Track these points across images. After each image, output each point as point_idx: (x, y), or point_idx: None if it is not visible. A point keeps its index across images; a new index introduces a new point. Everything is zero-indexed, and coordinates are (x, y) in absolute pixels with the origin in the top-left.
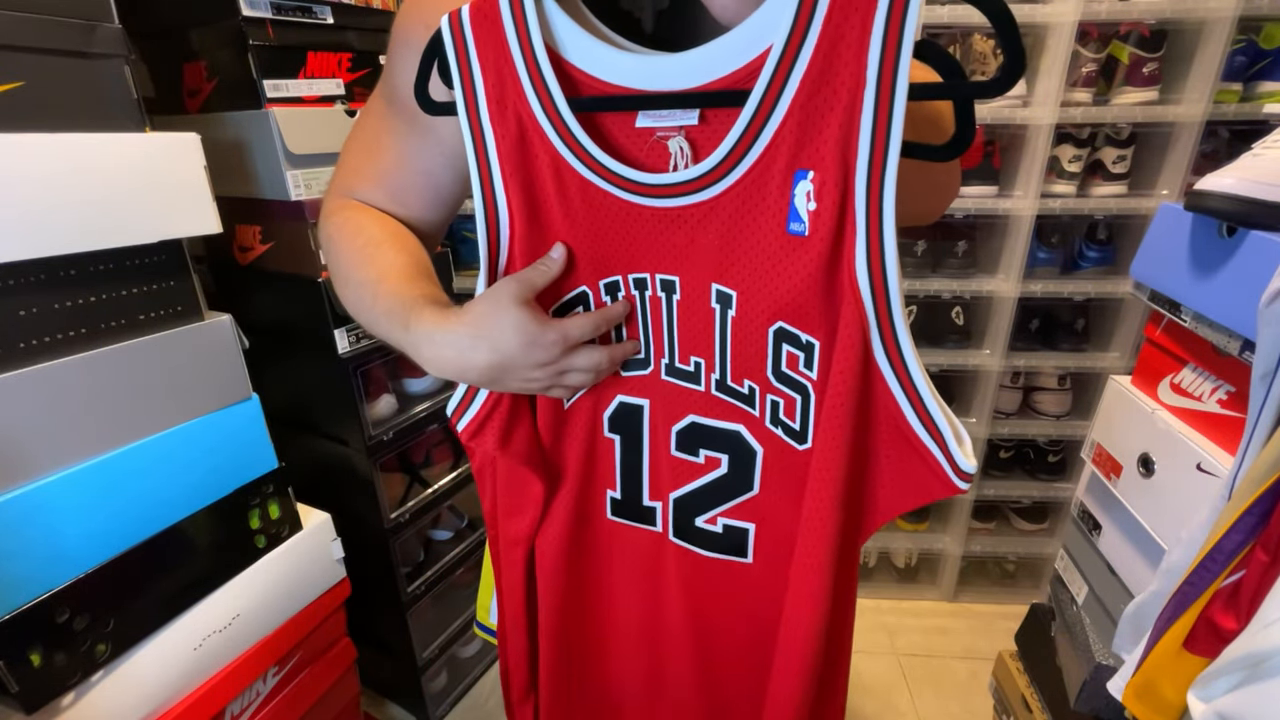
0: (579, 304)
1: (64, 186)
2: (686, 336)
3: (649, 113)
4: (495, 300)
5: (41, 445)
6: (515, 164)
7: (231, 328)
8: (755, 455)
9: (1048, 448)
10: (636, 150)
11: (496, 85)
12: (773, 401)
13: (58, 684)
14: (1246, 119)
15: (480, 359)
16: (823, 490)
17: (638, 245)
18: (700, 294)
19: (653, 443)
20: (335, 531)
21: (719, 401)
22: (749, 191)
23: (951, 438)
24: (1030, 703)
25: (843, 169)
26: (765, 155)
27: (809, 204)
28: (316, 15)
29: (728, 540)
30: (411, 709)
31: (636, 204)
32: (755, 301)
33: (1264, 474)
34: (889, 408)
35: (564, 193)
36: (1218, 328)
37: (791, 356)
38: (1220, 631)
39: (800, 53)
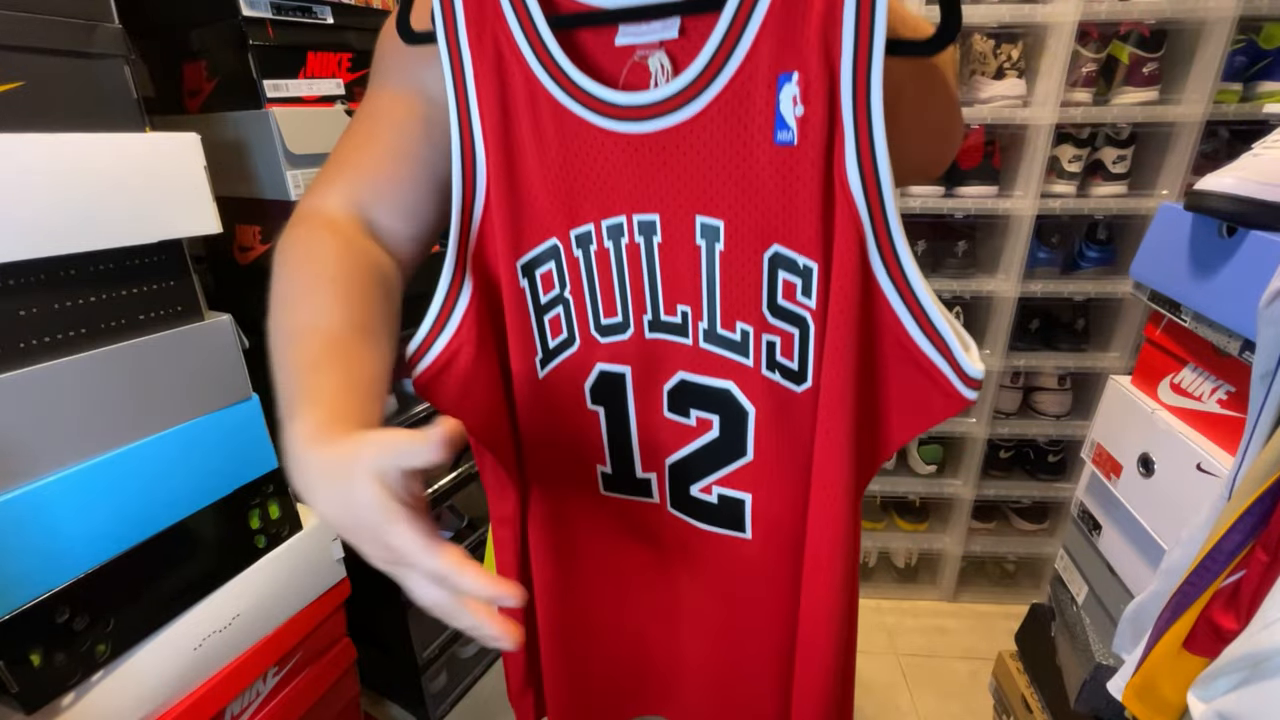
0: (549, 260)
1: (64, 186)
2: (671, 283)
3: (628, 28)
4: (355, 455)
5: (41, 445)
6: (491, 91)
7: (231, 328)
8: (747, 416)
9: (1048, 448)
10: (616, 73)
11: (475, 9)
12: (769, 342)
13: (58, 684)
14: (1246, 119)
15: (323, 506)
16: (833, 431)
17: (613, 182)
18: (684, 230)
19: (641, 410)
20: (335, 532)
21: (707, 355)
22: (732, 103)
23: (957, 345)
24: (1030, 703)
25: (828, 68)
26: (748, 60)
27: (796, 108)
28: (316, 15)
29: (724, 512)
30: (411, 709)
31: (613, 131)
32: (745, 228)
33: (1264, 474)
34: (892, 326)
35: (538, 123)
36: (1218, 328)
37: (788, 285)
38: (1220, 631)
39: None
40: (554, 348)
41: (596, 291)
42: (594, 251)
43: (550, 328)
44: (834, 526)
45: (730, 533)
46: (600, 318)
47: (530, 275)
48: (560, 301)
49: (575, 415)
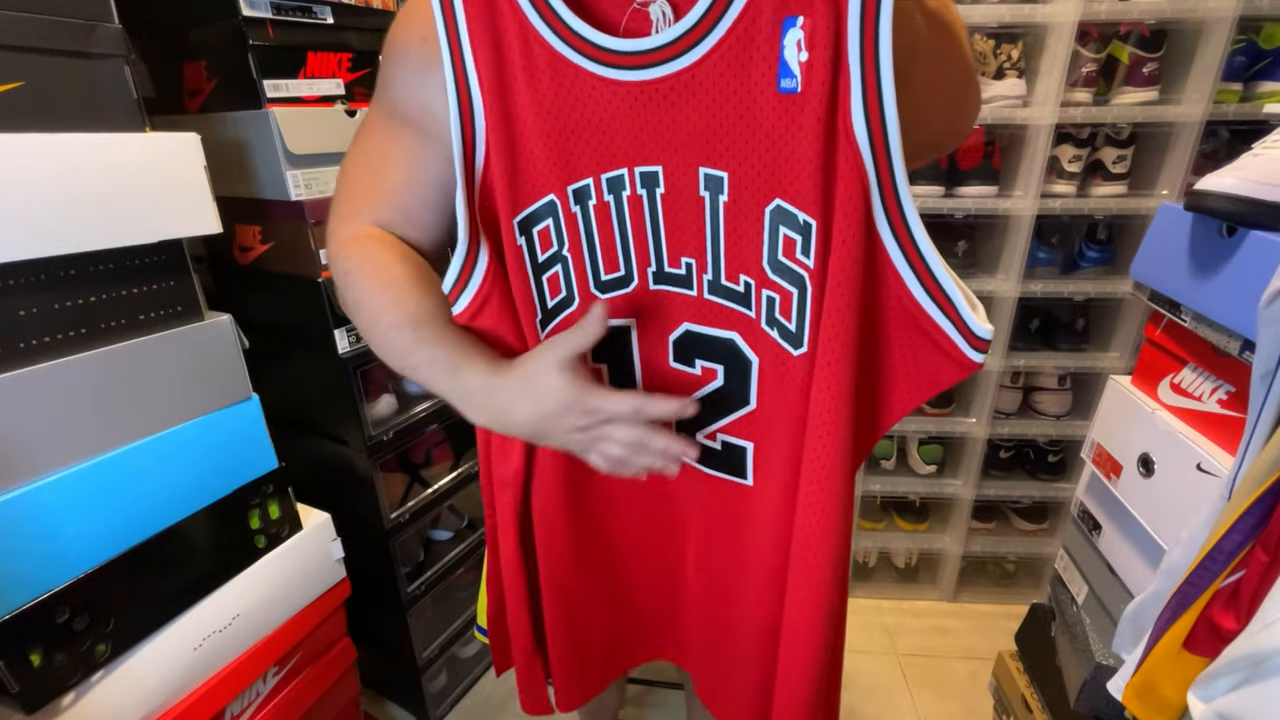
0: (546, 216)
1: (64, 186)
2: (675, 235)
3: None
4: (540, 361)
5: (41, 445)
6: (485, 42)
7: (231, 328)
8: (751, 366)
9: (1048, 448)
10: (616, 21)
11: None
12: (769, 298)
13: (58, 684)
14: (1246, 119)
15: (522, 414)
16: (828, 400)
17: (613, 133)
18: (687, 182)
19: (646, 361)
20: (335, 531)
21: (713, 306)
22: (736, 48)
23: (964, 304)
24: (1030, 703)
25: (834, 11)
26: (751, 3)
27: (800, 54)
28: (316, 15)
29: (728, 458)
30: (411, 709)
31: (613, 79)
32: (749, 180)
33: (1264, 474)
34: (895, 287)
35: (533, 75)
36: (1218, 328)
37: (789, 241)
38: (1220, 631)
39: None
40: (552, 308)
41: (596, 247)
42: (593, 207)
43: (549, 286)
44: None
45: (734, 479)
46: (600, 274)
47: (528, 233)
48: (559, 260)
49: None
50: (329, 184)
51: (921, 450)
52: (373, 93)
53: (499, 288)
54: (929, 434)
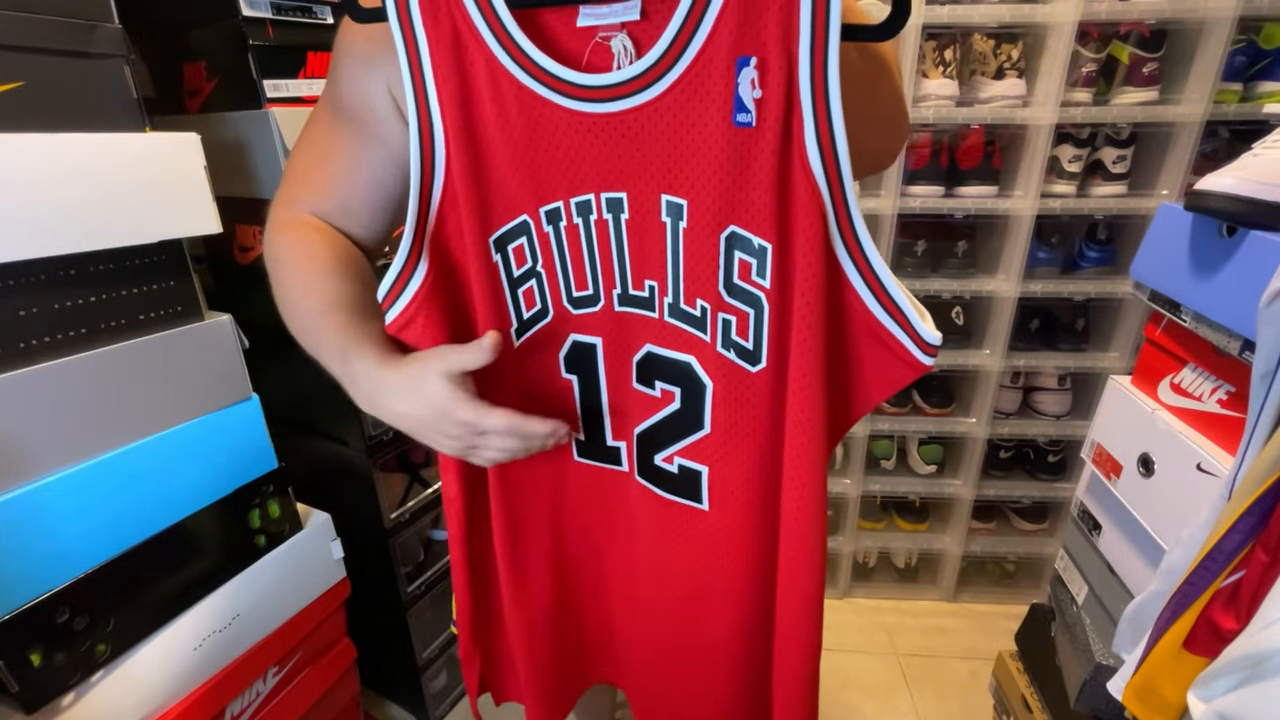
0: (520, 235)
1: (64, 186)
2: (638, 258)
3: (589, 9)
4: (425, 366)
5: (41, 445)
6: (450, 73)
7: (231, 328)
8: (705, 390)
9: (1048, 448)
10: (579, 54)
11: None
12: (724, 320)
13: (58, 684)
14: (1246, 119)
15: (400, 410)
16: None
17: (580, 160)
18: (650, 208)
19: (611, 380)
20: (335, 531)
21: (672, 329)
22: (693, 85)
23: (915, 315)
24: (1030, 703)
25: (786, 53)
26: (708, 44)
27: (754, 91)
28: (316, 15)
29: (683, 482)
30: (411, 709)
31: (579, 111)
32: (706, 207)
33: (1264, 474)
34: (855, 305)
35: (501, 105)
36: (1218, 328)
37: (744, 265)
38: (1220, 631)
39: None
40: (528, 319)
41: (568, 265)
42: (564, 227)
43: (524, 299)
44: (807, 504)
45: (690, 503)
46: (572, 290)
47: (503, 250)
48: (533, 275)
49: (550, 383)
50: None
51: (921, 450)
52: None
53: (431, 304)
54: (929, 434)
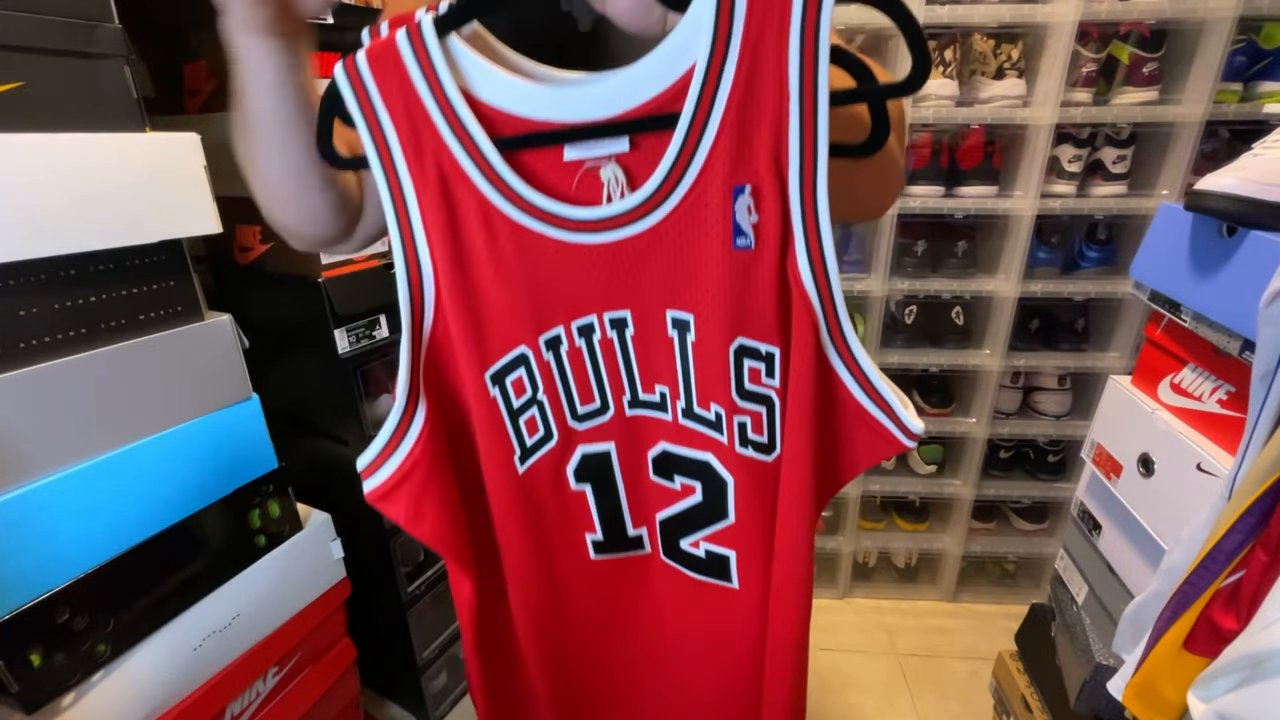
0: (519, 367)
1: (64, 186)
2: (647, 367)
3: (576, 144)
4: None
5: (41, 445)
6: (438, 215)
7: (231, 328)
8: (727, 485)
9: (1048, 448)
10: (567, 185)
11: (410, 132)
12: (740, 423)
13: (58, 684)
14: (1246, 119)
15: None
16: (794, 490)
17: (580, 286)
18: (656, 323)
19: (628, 478)
20: (335, 531)
21: (687, 430)
22: (690, 213)
23: (899, 405)
24: (1030, 703)
25: (778, 178)
26: (702, 175)
27: (751, 216)
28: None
29: (712, 564)
30: (411, 709)
31: (576, 242)
32: (713, 322)
33: (1264, 474)
34: (846, 401)
35: (494, 241)
36: (1218, 328)
37: (753, 371)
38: (1220, 631)
39: (724, 71)
40: (531, 445)
41: (571, 387)
42: (565, 352)
43: (526, 428)
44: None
45: (720, 582)
46: (577, 408)
47: (500, 383)
48: (534, 403)
49: (559, 497)
50: None
51: (921, 450)
52: None
53: (432, 449)
54: (929, 434)
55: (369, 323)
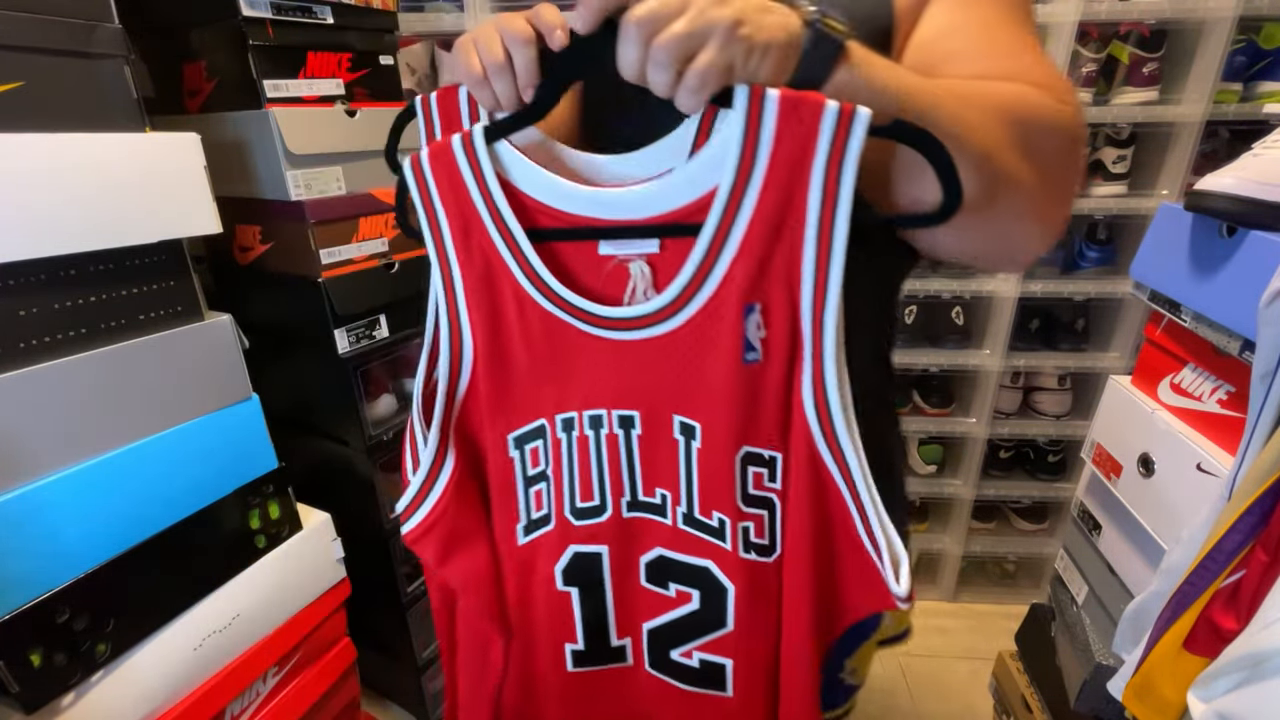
0: (538, 437)
1: (64, 186)
2: (649, 470)
3: (609, 243)
4: None
5: (41, 445)
6: (480, 297)
7: (231, 328)
8: (727, 592)
9: (1048, 448)
10: (597, 276)
11: (460, 222)
12: (744, 528)
13: (58, 684)
14: (1246, 119)
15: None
16: (797, 593)
17: (596, 378)
18: (662, 426)
19: (617, 582)
20: (335, 531)
21: (687, 535)
22: (704, 325)
23: (887, 560)
24: (1030, 703)
25: (789, 299)
26: (719, 291)
27: (759, 332)
28: (316, 15)
29: (705, 674)
30: (411, 709)
31: (596, 336)
32: (720, 430)
33: (1264, 474)
34: (842, 513)
35: (526, 325)
36: (1218, 328)
37: (757, 476)
38: (1220, 631)
39: (745, 196)
40: (535, 520)
41: (575, 475)
42: (576, 437)
43: (535, 500)
44: (800, 670)
45: (713, 692)
46: (575, 501)
47: (521, 449)
48: (544, 478)
49: (545, 596)
50: (329, 184)
51: (921, 450)
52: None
53: (458, 500)
54: (929, 434)
55: (369, 323)
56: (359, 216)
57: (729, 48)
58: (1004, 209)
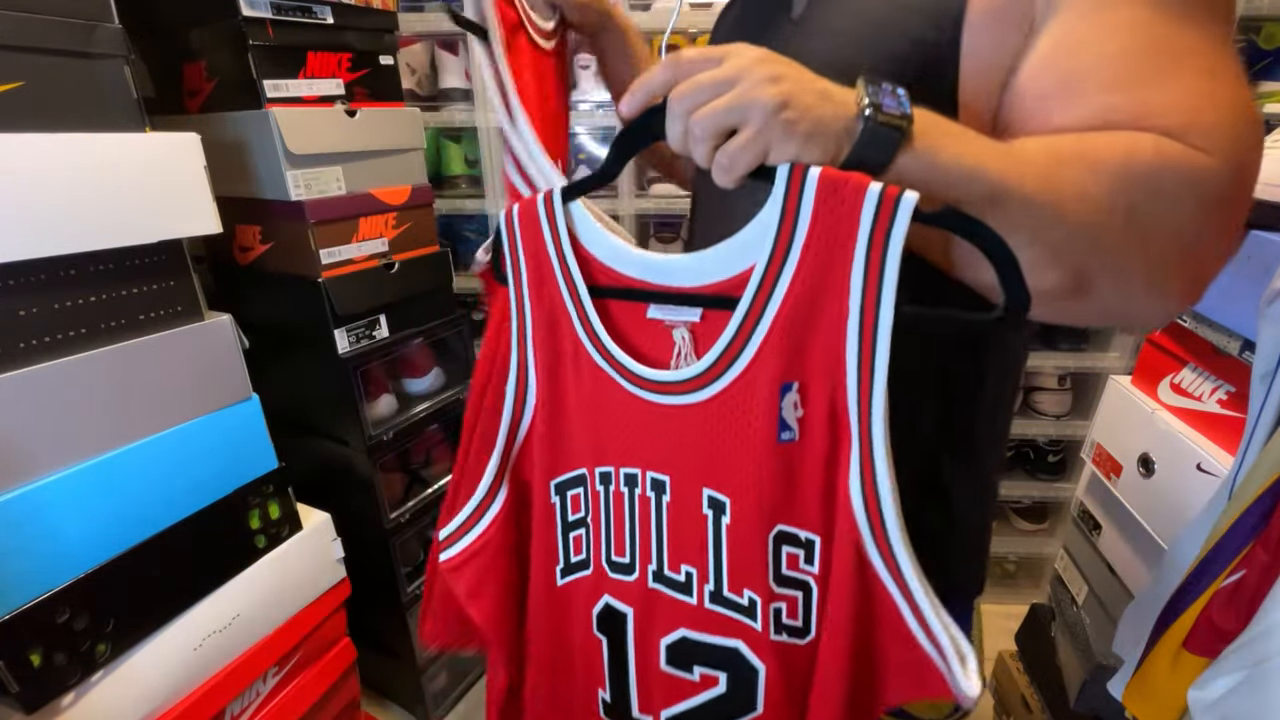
0: (578, 485)
1: (64, 186)
2: (676, 543)
3: (657, 308)
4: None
5: (41, 445)
6: (546, 344)
7: (231, 328)
8: (757, 674)
9: (1048, 448)
10: (644, 338)
11: (535, 272)
12: (775, 609)
13: (58, 684)
14: None
15: None
16: (830, 678)
17: (634, 438)
18: (691, 498)
19: (639, 655)
20: (335, 531)
21: (714, 615)
22: (738, 400)
23: (953, 656)
24: (1030, 703)
25: (830, 385)
26: (751, 366)
27: (796, 411)
28: (316, 15)
29: None
30: (411, 709)
31: (638, 396)
32: (752, 508)
33: (1264, 474)
34: (888, 607)
35: (579, 375)
36: (1218, 328)
37: (791, 557)
38: (1220, 631)
39: (782, 273)
40: (575, 563)
41: (611, 527)
42: (612, 491)
43: (574, 544)
44: None
45: None
46: (611, 553)
47: (562, 494)
48: (583, 524)
49: (581, 636)
50: (329, 184)
51: None
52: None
53: (502, 534)
54: None
55: (369, 323)
56: (359, 216)
57: (767, 131)
58: (1106, 292)
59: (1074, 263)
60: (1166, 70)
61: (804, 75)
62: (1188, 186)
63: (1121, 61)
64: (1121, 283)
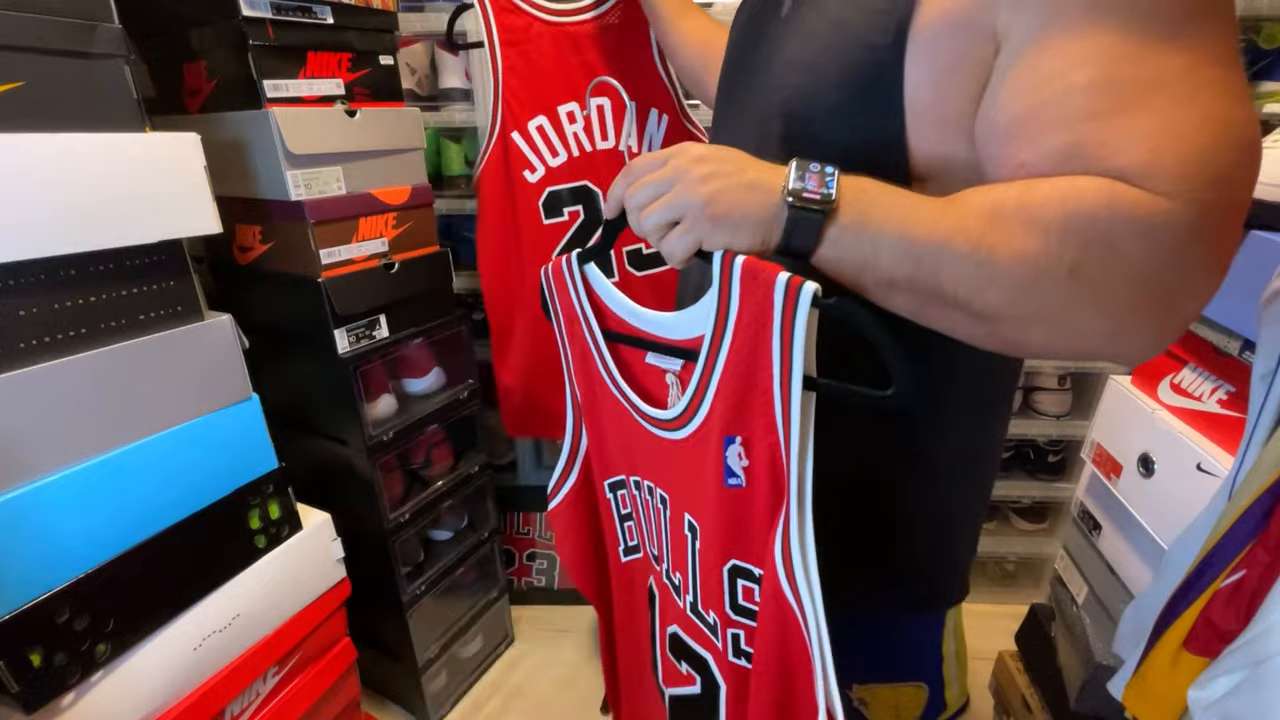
0: (622, 487)
1: (64, 186)
2: (672, 552)
3: (652, 356)
4: None
5: (41, 445)
6: (582, 375)
7: (231, 328)
8: (719, 690)
9: (1048, 448)
10: (649, 378)
11: (569, 317)
12: (733, 634)
13: (58, 684)
14: None
15: None
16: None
17: (645, 457)
18: (679, 517)
19: (660, 634)
20: (335, 531)
21: (693, 623)
22: (700, 443)
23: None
24: (1030, 703)
25: (769, 442)
26: (707, 419)
27: (742, 461)
28: (316, 15)
29: None
30: (411, 709)
31: (641, 425)
32: (713, 535)
33: (1264, 474)
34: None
35: (606, 401)
36: (1218, 328)
37: (747, 590)
38: (1220, 631)
39: (722, 343)
40: (630, 547)
41: (645, 525)
42: (642, 497)
43: (628, 532)
44: None
45: None
46: (649, 545)
47: (614, 493)
48: (631, 518)
49: (639, 602)
50: (329, 184)
51: None
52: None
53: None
54: None
55: (369, 323)
56: (359, 216)
57: (698, 225)
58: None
59: (1017, 325)
60: (1130, 104)
61: (737, 169)
62: (1141, 236)
63: (1085, 95)
64: (1076, 339)
